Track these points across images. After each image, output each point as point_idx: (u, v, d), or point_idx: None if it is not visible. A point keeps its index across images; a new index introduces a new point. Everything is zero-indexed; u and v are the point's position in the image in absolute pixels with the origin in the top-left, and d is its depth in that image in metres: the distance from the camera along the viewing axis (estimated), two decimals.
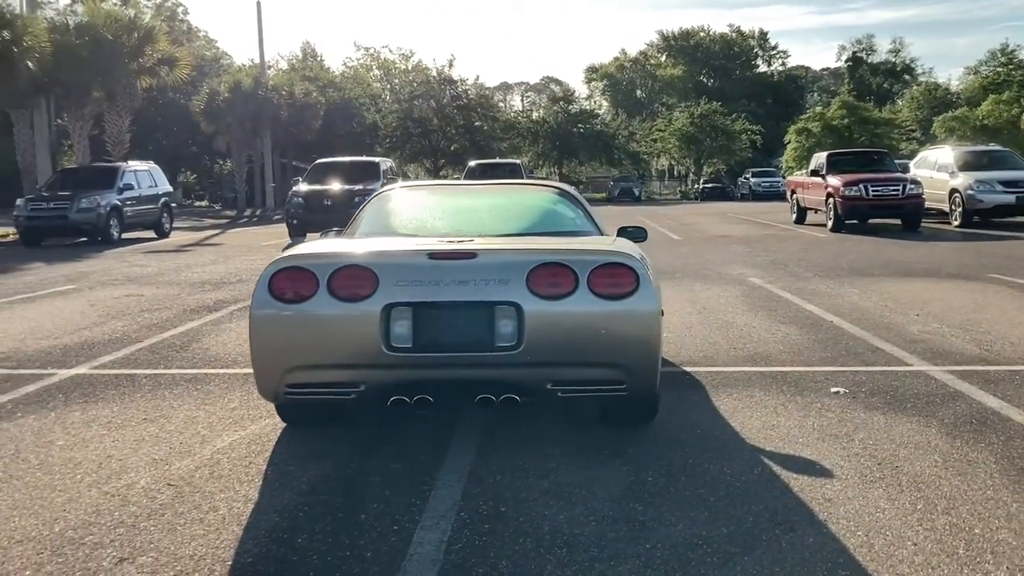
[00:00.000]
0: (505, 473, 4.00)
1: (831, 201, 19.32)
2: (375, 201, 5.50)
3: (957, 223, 19.29)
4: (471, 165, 27.25)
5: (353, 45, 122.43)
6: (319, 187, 18.59)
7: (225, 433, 4.70)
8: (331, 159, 22.10)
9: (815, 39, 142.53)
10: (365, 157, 23.49)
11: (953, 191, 19.53)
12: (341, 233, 5.34)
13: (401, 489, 3.82)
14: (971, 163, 20.11)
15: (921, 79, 70.85)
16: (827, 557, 3.07)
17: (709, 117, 58.29)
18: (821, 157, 21.37)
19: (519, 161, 32.63)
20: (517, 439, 4.51)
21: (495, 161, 32.25)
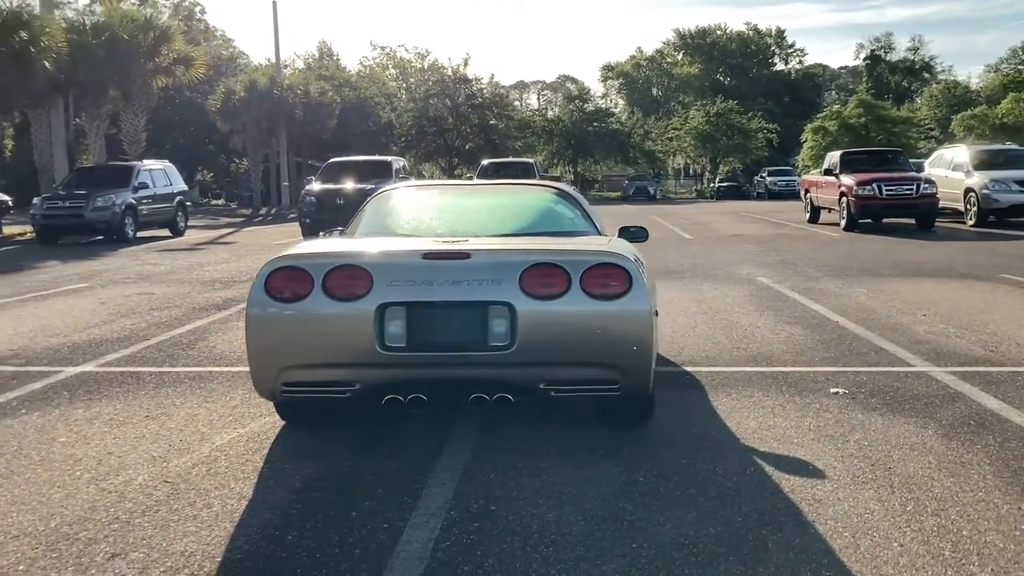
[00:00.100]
0: (498, 472, 4.02)
1: (844, 200, 19.22)
2: (375, 201, 5.53)
3: (972, 223, 19.14)
4: (484, 164, 27.36)
5: (369, 44, 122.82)
6: (332, 186, 18.69)
7: (225, 431, 4.75)
8: (344, 158, 22.21)
9: (833, 37, 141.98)
10: (378, 156, 23.57)
11: (968, 190, 19.38)
12: (343, 233, 5.39)
13: (394, 487, 3.85)
14: (987, 162, 19.94)
15: (940, 77, 70.24)
16: (812, 558, 3.08)
17: (725, 116, 58.07)
18: (835, 156, 21.26)
19: (532, 160, 32.62)
20: (513, 438, 4.53)
21: (508, 160, 32.26)
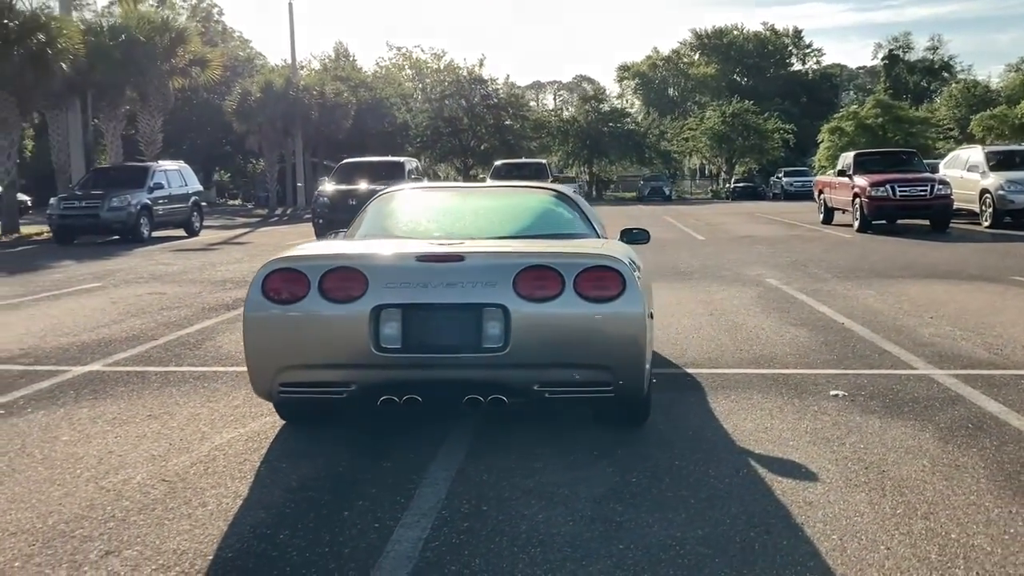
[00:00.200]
0: (492, 472, 4.05)
1: (858, 201, 19.11)
2: (375, 203, 5.58)
3: (987, 224, 19.00)
4: (497, 165, 27.53)
5: (386, 45, 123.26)
6: (344, 187, 18.78)
7: (225, 430, 4.80)
8: (357, 159, 22.36)
9: (852, 36, 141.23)
10: (390, 157, 23.68)
11: (984, 191, 19.23)
12: (344, 234, 5.44)
13: (388, 487, 3.88)
14: (1003, 162, 19.78)
15: (960, 77, 69.64)
16: (797, 560, 3.09)
17: (741, 116, 57.85)
18: (848, 157, 21.15)
19: (545, 161, 32.74)
20: (508, 439, 4.56)
21: (521, 161, 32.37)
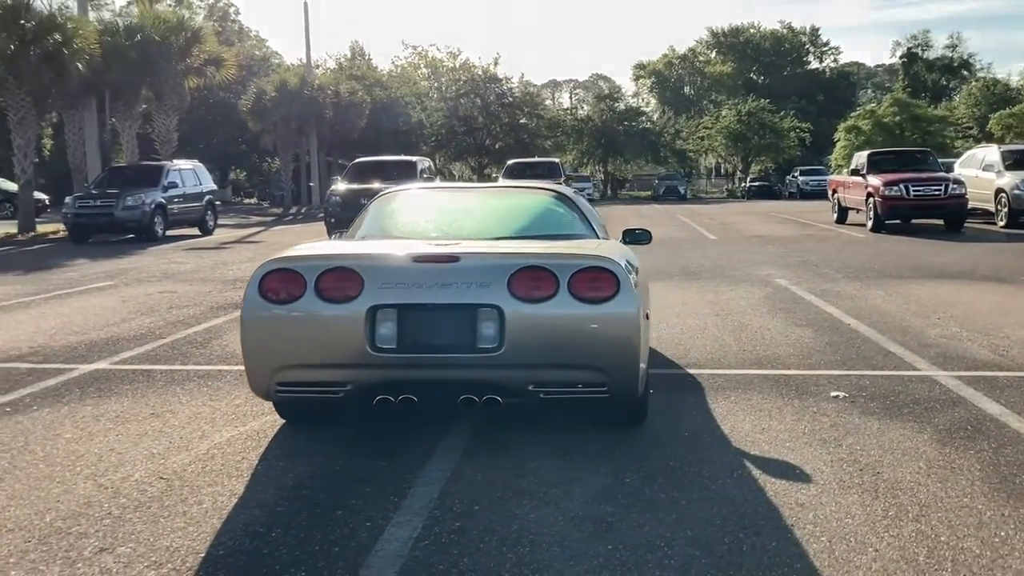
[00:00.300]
0: (487, 472, 4.06)
1: (871, 201, 18.99)
2: (375, 204, 5.61)
3: (1003, 224, 18.82)
4: (510, 164, 27.62)
5: (401, 44, 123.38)
6: (357, 186, 18.83)
7: (225, 429, 4.84)
8: (369, 158, 22.43)
9: (870, 34, 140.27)
10: (403, 156, 23.74)
11: (999, 191, 19.05)
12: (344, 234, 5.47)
13: (382, 486, 3.91)
14: (1019, 161, 19.56)
15: (979, 75, 69.03)
16: (784, 562, 3.09)
17: (757, 114, 57.57)
18: (862, 156, 21.01)
19: (558, 160, 32.77)
20: (507, 439, 4.57)
21: (533, 160, 32.37)
